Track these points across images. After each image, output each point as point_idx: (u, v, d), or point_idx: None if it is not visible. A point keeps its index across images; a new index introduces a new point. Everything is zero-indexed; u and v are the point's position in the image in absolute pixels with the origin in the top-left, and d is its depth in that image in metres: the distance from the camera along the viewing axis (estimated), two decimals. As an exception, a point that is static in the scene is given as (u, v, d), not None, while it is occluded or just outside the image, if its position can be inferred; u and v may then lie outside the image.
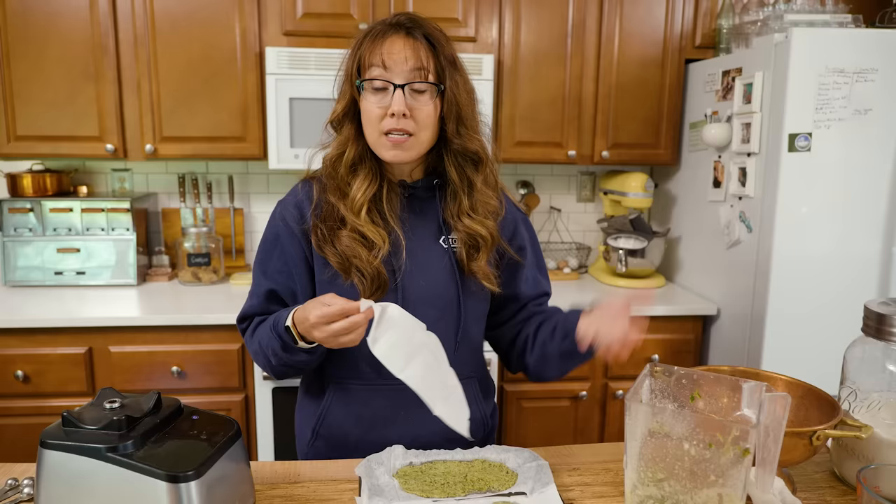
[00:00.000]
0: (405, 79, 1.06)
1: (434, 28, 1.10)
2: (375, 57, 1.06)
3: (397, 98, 1.05)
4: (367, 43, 1.08)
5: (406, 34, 1.07)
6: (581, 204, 2.95)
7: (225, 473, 0.88)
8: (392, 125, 1.06)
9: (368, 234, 1.10)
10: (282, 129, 2.27)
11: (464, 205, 1.15)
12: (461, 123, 1.11)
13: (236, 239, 2.72)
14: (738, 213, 2.16)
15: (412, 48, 1.06)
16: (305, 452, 1.26)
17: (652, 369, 0.95)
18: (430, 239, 1.17)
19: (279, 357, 1.09)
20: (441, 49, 1.08)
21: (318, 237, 1.13)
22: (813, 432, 0.93)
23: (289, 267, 1.17)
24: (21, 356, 2.06)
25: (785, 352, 2.04)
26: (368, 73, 1.07)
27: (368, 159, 1.13)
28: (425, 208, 1.19)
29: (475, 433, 1.26)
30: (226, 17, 2.26)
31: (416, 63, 1.05)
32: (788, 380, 1.09)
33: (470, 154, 1.13)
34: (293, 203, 1.18)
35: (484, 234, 1.15)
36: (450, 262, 1.17)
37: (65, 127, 2.27)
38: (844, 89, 1.91)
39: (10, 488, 1.02)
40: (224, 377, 2.15)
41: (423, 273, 1.15)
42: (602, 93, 2.49)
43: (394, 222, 1.13)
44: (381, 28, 1.08)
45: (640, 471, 0.84)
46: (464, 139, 1.11)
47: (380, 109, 1.07)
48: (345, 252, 1.10)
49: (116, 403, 0.90)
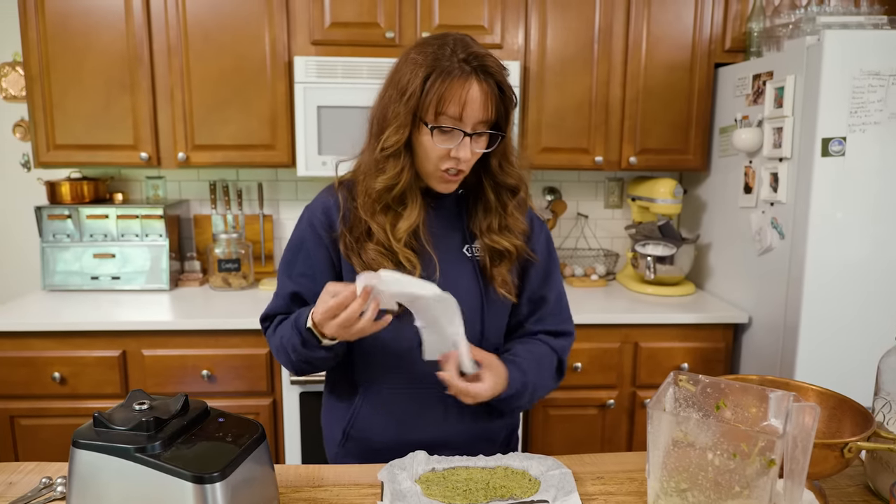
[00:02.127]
0: (474, 128, 1.08)
1: (499, 68, 1.08)
2: (453, 105, 1.05)
3: (465, 146, 1.07)
4: (438, 82, 1.04)
5: (479, 81, 1.05)
6: (609, 210, 2.92)
7: (249, 475, 0.89)
8: (452, 165, 1.10)
9: (402, 261, 1.12)
10: (310, 136, 2.30)
11: (493, 224, 1.19)
12: (505, 159, 1.16)
13: (265, 245, 2.76)
14: (769, 220, 2.12)
15: (486, 98, 1.06)
16: (336, 453, 1.27)
17: (676, 378, 0.94)
18: (455, 249, 1.20)
19: (298, 353, 1.12)
20: (508, 95, 1.09)
21: (346, 245, 1.16)
22: (844, 444, 0.91)
23: (313, 271, 1.19)
24: (58, 358, 2.12)
25: (819, 361, 1.99)
26: (441, 118, 1.06)
27: (416, 189, 1.15)
28: (451, 218, 1.21)
29: (496, 434, 1.28)
30: (256, 28, 2.31)
31: (486, 115, 1.07)
32: (820, 390, 1.07)
33: (509, 188, 1.18)
34: (321, 209, 1.20)
35: (510, 248, 1.19)
36: (473, 271, 1.20)
37: (101, 136, 2.34)
38: (880, 92, 1.86)
39: (44, 486, 1.06)
40: (252, 381, 2.18)
41: (448, 282, 1.15)
42: (629, 98, 2.47)
43: (425, 240, 1.16)
44: (455, 71, 1.04)
45: (663, 480, 0.83)
46: (506, 174, 1.16)
47: (444, 150, 1.08)
48: (370, 265, 1.12)
49: (145, 405, 0.92)
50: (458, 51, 1.06)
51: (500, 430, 1.30)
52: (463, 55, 1.05)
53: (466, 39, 1.09)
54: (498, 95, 1.08)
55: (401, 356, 1.17)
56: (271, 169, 2.71)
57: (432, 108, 1.06)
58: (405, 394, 1.20)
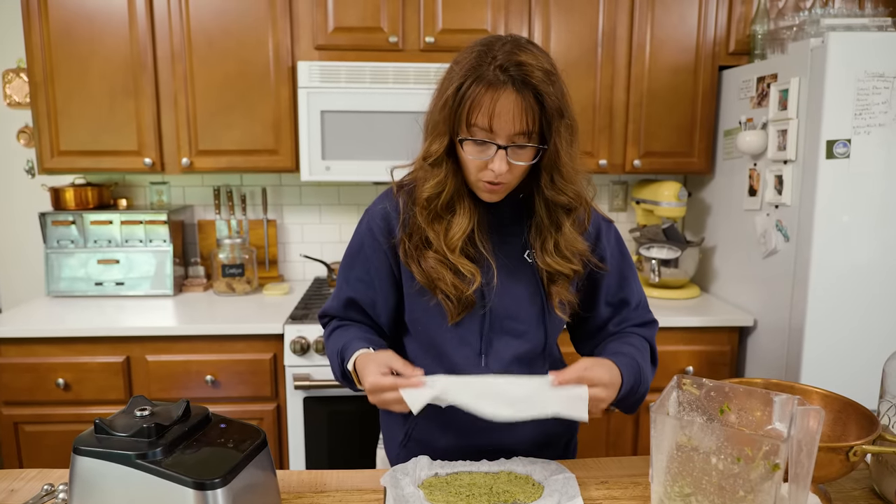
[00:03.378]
0: (509, 140, 1.01)
1: (543, 76, 0.99)
2: (482, 116, 1.00)
3: (499, 159, 1.02)
4: (473, 88, 1.00)
5: (515, 90, 0.98)
6: (613, 213, 2.91)
7: (251, 481, 0.89)
8: (490, 178, 1.05)
9: (462, 270, 1.10)
10: (314, 141, 2.30)
11: (548, 244, 1.13)
12: (557, 174, 1.07)
13: (269, 250, 2.77)
14: (774, 222, 2.11)
15: (520, 109, 0.99)
16: (397, 454, 1.26)
17: (680, 381, 0.93)
18: (516, 255, 1.16)
19: (337, 378, 1.18)
20: (549, 103, 1.00)
21: (405, 252, 1.14)
22: (850, 447, 0.90)
23: (370, 276, 1.19)
24: (62, 364, 2.12)
25: (825, 364, 1.97)
26: (472, 131, 1.02)
27: (466, 195, 1.11)
28: (511, 223, 1.17)
29: (558, 440, 1.28)
30: (259, 33, 2.32)
31: (522, 127, 1.00)
32: (825, 393, 1.06)
33: (562, 206, 1.10)
34: (381, 215, 1.18)
35: (567, 273, 1.14)
36: (534, 277, 1.16)
37: (105, 142, 2.35)
38: (885, 94, 1.85)
39: (46, 493, 1.06)
40: (256, 386, 2.18)
41: (510, 289, 1.15)
42: (633, 101, 2.46)
43: (484, 247, 1.13)
44: (489, 76, 0.99)
45: (667, 485, 0.82)
46: (556, 191, 1.08)
47: (480, 162, 1.04)
48: (429, 273, 1.11)
49: (147, 411, 0.92)
50: (500, 56, 0.99)
51: (563, 436, 1.28)
52: (502, 61, 0.98)
53: (518, 42, 1.02)
54: (536, 104, 0.99)
55: (460, 364, 1.16)
56: (275, 174, 2.71)
57: (464, 118, 1.02)
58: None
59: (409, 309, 1.19)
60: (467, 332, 1.14)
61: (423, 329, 1.18)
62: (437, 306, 1.13)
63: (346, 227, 2.78)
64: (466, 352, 1.15)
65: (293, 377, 2.13)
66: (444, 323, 1.14)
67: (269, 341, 2.16)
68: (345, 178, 2.34)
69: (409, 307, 1.19)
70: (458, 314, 1.12)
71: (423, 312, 1.16)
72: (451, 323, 1.13)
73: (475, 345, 1.14)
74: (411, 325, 1.21)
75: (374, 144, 2.31)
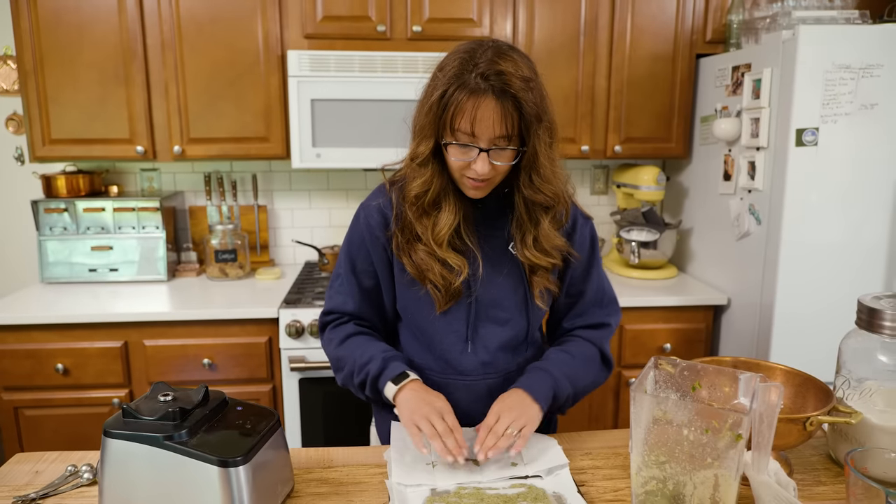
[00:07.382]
0: (490, 143, 1.07)
1: (522, 84, 1.05)
2: (464, 122, 1.06)
3: (481, 161, 1.08)
4: (456, 95, 1.05)
5: (495, 97, 1.04)
6: (595, 197, 3.01)
7: (268, 459, 0.98)
8: (473, 176, 1.11)
9: (450, 262, 1.18)
10: (304, 129, 2.35)
11: (528, 239, 1.20)
12: (535, 174, 1.13)
13: (261, 235, 2.82)
14: (747, 206, 2.21)
15: (500, 114, 1.05)
16: (387, 432, 1.32)
17: (657, 362, 1.03)
18: (500, 248, 1.24)
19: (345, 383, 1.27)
20: (527, 109, 1.05)
21: (398, 246, 1.22)
22: (806, 418, 1.00)
23: (374, 268, 1.27)
24: (61, 350, 2.17)
25: (793, 341, 2.10)
26: (455, 135, 1.08)
27: (451, 192, 1.18)
28: (496, 216, 1.24)
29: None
30: (249, 21, 2.35)
31: (502, 131, 1.06)
32: (787, 369, 1.16)
33: (539, 203, 1.17)
34: (377, 209, 1.25)
35: (545, 265, 1.22)
36: (518, 269, 1.24)
37: (97, 130, 2.38)
38: (851, 84, 1.95)
39: (70, 474, 1.12)
40: (253, 368, 2.25)
41: (494, 280, 1.23)
42: (614, 89, 2.54)
43: (470, 239, 1.21)
44: (471, 84, 1.04)
45: (644, 454, 0.92)
46: (534, 189, 1.14)
47: (463, 163, 1.10)
48: (419, 265, 1.19)
49: (169, 396, 1.00)
50: (482, 64, 1.04)
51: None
52: (483, 69, 1.04)
53: (500, 49, 1.07)
54: (516, 110, 1.05)
55: (448, 350, 1.25)
56: (265, 161, 2.76)
57: (448, 123, 1.08)
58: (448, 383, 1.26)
59: (400, 298, 1.28)
60: (454, 320, 1.23)
61: (413, 317, 1.27)
62: (427, 296, 1.21)
63: (335, 211, 2.85)
64: (453, 339, 1.24)
65: (289, 359, 2.21)
66: (432, 311, 1.23)
67: (265, 325, 2.23)
68: (335, 166, 2.40)
69: (399, 296, 1.27)
70: (446, 303, 1.21)
71: (413, 301, 1.25)
72: (439, 311, 1.22)
73: (462, 332, 1.24)
74: (402, 312, 1.29)
75: (364, 132, 2.36)
